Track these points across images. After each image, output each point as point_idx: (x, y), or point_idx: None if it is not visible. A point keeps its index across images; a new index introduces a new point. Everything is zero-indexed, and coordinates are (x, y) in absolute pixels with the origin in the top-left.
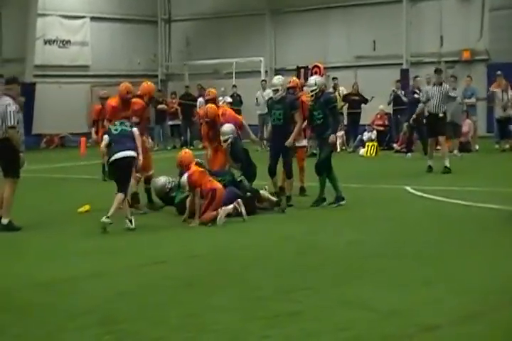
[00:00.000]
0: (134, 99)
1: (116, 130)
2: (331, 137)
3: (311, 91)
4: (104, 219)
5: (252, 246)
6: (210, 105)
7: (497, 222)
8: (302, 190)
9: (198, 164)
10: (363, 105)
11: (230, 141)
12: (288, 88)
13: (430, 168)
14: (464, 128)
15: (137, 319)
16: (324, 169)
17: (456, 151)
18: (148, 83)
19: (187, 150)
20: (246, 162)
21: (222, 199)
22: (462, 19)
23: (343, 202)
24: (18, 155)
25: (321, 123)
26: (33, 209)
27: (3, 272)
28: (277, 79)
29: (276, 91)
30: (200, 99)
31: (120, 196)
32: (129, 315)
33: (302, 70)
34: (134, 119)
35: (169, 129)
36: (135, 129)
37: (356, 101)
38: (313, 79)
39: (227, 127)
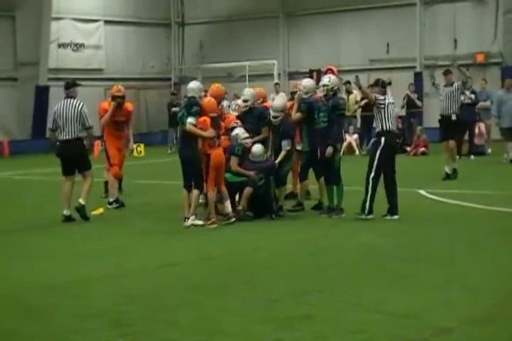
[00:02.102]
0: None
1: None
2: (329, 149)
3: (323, 86)
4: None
5: (264, 248)
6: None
7: (510, 225)
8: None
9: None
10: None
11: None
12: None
13: (447, 175)
14: (477, 131)
15: (150, 321)
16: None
17: None
18: (216, 85)
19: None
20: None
21: (219, 164)
22: (476, 22)
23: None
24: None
25: (326, 127)
26: (43, 212)
27: (16, 274)
28: (247, 91)
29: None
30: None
31: (195, 193)
32: (142, 318)
33: (315, 73)
34: None
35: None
36: None
37: (369, 104)
38: (327, 77)
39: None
